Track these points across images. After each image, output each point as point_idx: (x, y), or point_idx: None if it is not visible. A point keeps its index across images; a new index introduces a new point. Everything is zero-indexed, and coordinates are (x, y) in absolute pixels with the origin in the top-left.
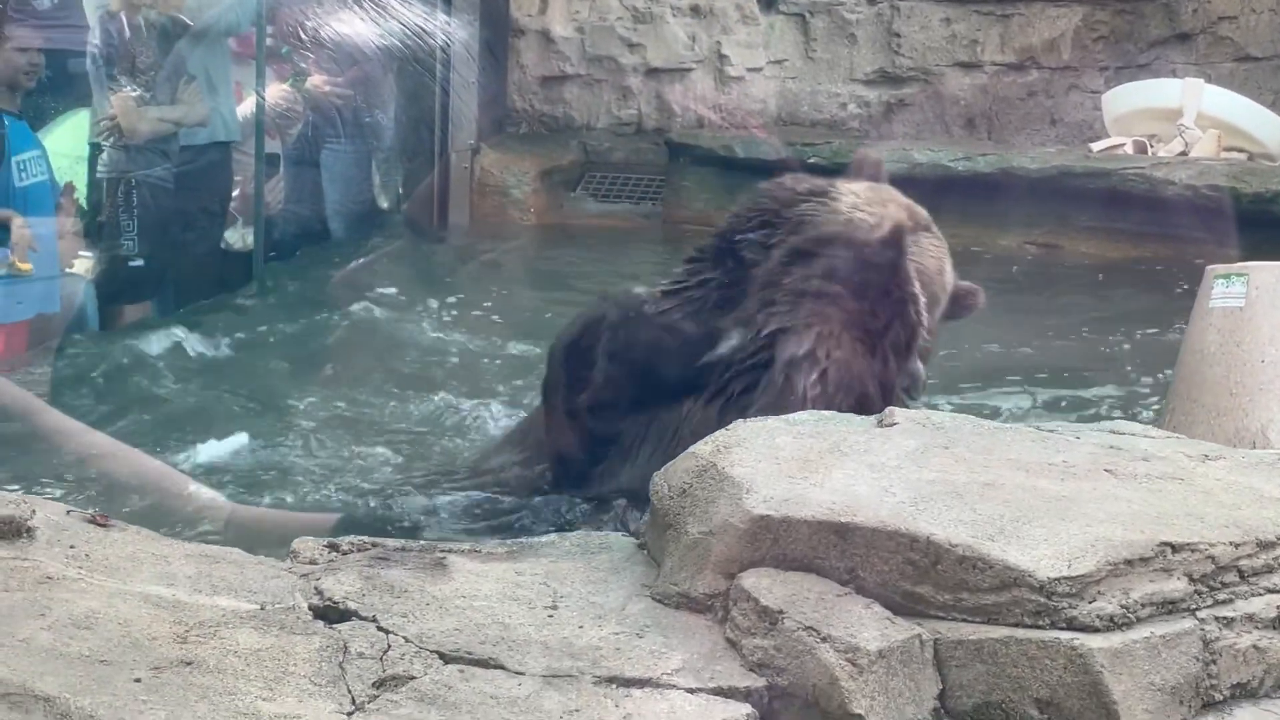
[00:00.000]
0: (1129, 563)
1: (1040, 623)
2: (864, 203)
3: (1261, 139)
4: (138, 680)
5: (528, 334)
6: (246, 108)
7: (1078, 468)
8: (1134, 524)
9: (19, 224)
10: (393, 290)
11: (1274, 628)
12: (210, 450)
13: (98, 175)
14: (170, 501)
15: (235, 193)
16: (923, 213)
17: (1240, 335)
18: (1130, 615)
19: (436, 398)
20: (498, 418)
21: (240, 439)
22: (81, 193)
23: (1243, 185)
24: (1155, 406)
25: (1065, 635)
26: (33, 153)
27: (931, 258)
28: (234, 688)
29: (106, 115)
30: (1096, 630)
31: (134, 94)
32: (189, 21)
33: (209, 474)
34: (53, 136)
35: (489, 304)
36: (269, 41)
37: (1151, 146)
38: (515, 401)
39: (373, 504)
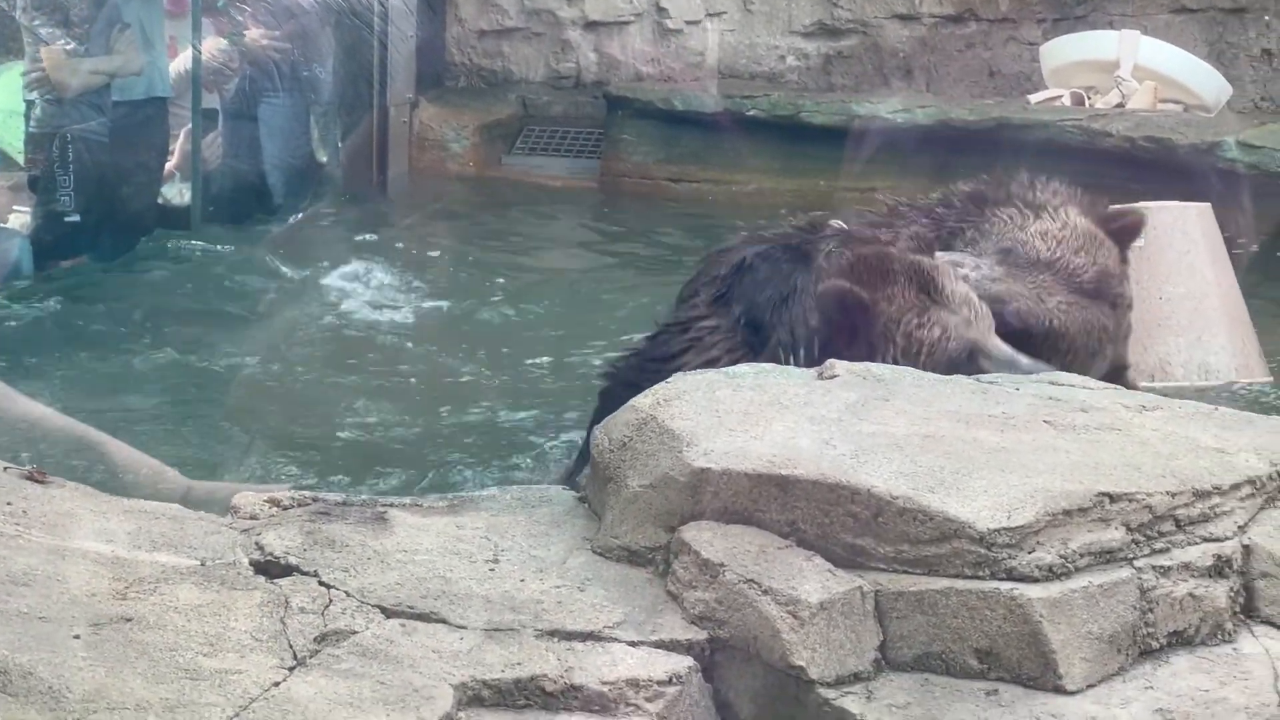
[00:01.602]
0: (1067, 513)
1: (980, 573)
2: (1068, 250)
3: (1197, 91)
4: (77, 637)
5: (451, 292)
6: (182, 63)
7: (1017, 419)
8: (1072, 475)
9: None
10: (325, 248)
11: (1210, 576)
12: None
13: (31, 130)
14: (128, 478)
15: (173, 148)
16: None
17: (1139, 273)
18: (1069, 565)
19: (369, 358)
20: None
21: None
22: (17, 147)
23: (1179, 137)
24: None
25: (1005, 585)
26: None
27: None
28: (175, 644)
29: (36, 68)
30: (1035, 580)
31: (66, 46)
32: None
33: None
34: None
35: (422, 260)
36: None
37: (1089, 98)
38: (434, 366)
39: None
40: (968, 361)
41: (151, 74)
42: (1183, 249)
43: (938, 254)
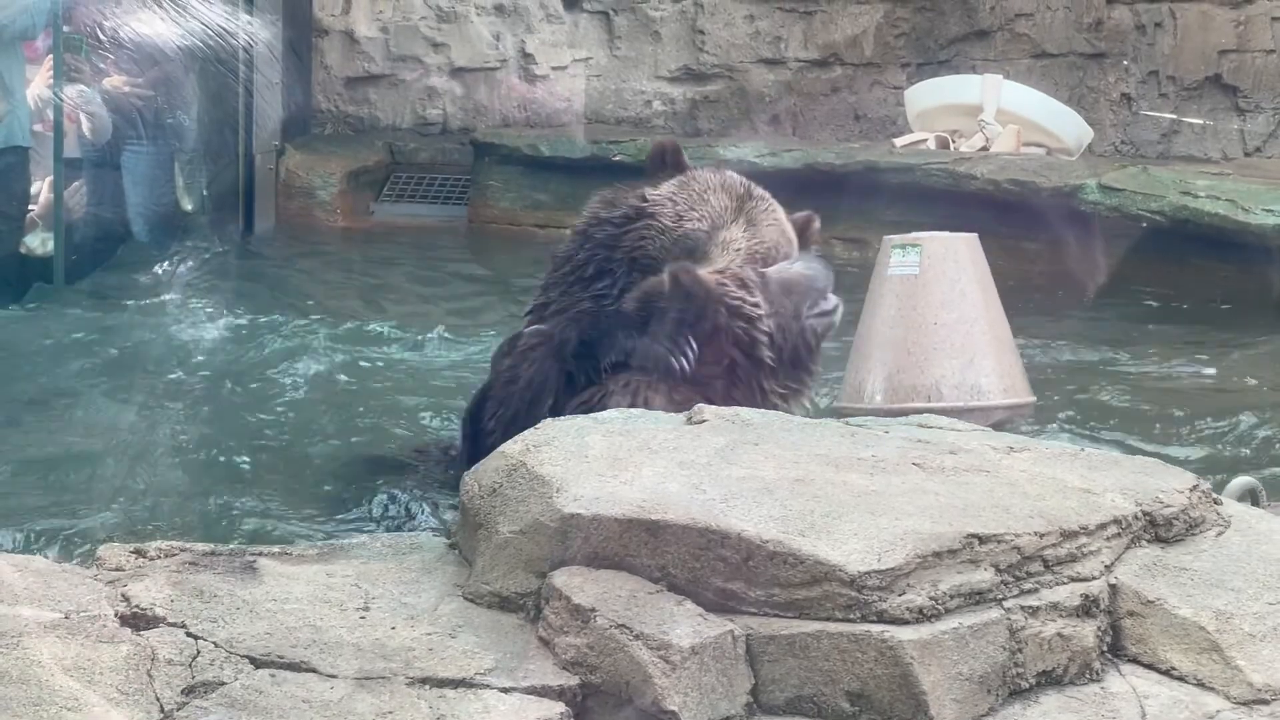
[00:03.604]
0: (937, 555)
1: (851, 616)
2: (685, 207)
3: (1059, 134)
4: None
5: (313, 343)
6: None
7: (886, 462)
8: (942, 517)
9: None
10: (189, 297)
11: (1078, 615)
12: None
13: None
14: None
15: (35, 197)
16: (740, 182)
17: (915, 300)
18: (939, 606)
19: (237, 407)
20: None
21: None
22: None
23: (1042, 180)
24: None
25: (875, 628)
26: None
27: (768, 225)
28: (39, 698)
29: None
30: (906, 622)
31: None
32: None
33: None
34: None
35: (283, 310)
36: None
37: (954, 142)
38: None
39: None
40: (783, 294)
41: (11, 123)
42: (954, 277)
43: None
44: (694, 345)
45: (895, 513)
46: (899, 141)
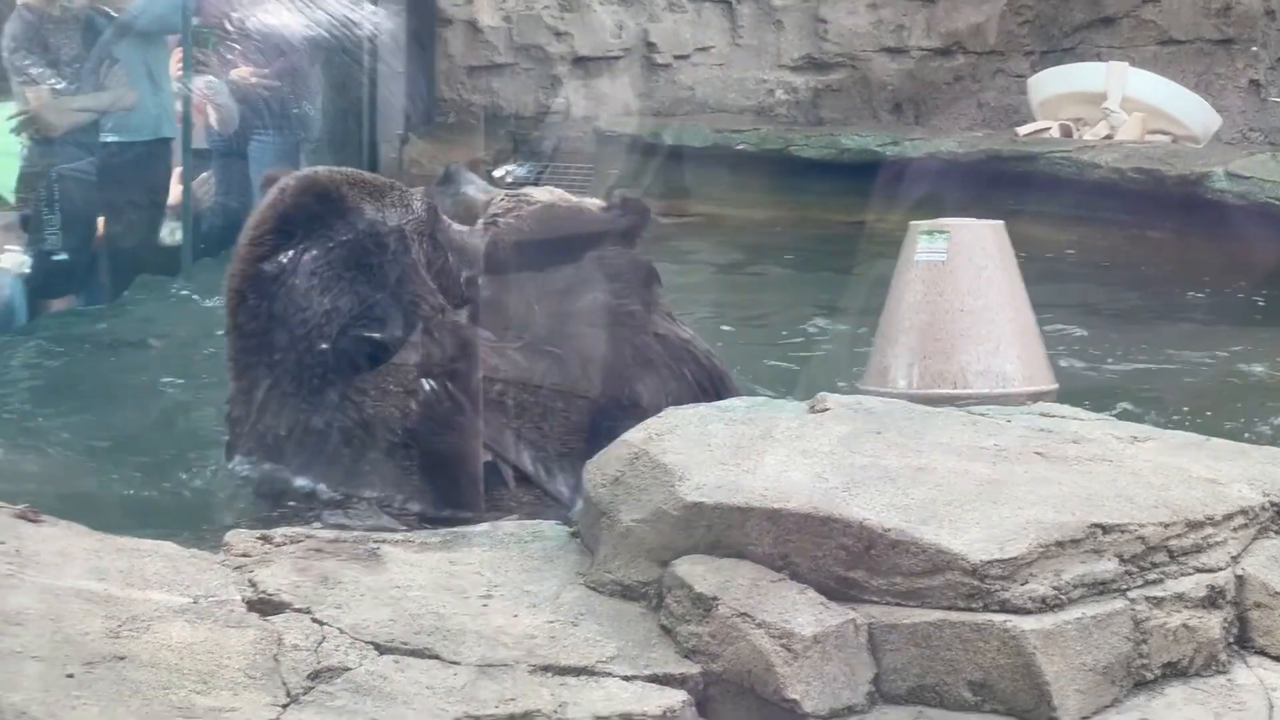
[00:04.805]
0: (1060, 545)
1: (973, 605)
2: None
3: (1185, 122)
4: (70, 676)
5: None
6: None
7: (1009, 451)
8: (1065, 506)
9: None
10: None
11: (1203, 607)
12: None
13: (22, 169)
14: None
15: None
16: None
17: (942, 286)
18: (1062, 596)
19: None
20: None
21: None
22: (10, 187)
23: (1168, 168)
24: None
25: (998, 618)
26: None
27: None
28: (168, 682)
29: (20, 110)
30: (1029, 612)
31: (52, 87)
32: (113, 13)
33: None
34: None
35: None
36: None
37: (1077, 130)
38: None
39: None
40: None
41: (159, 114)
42: (980, 264)
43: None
44: None
45: (1018, 502)
46: (1022, 130)
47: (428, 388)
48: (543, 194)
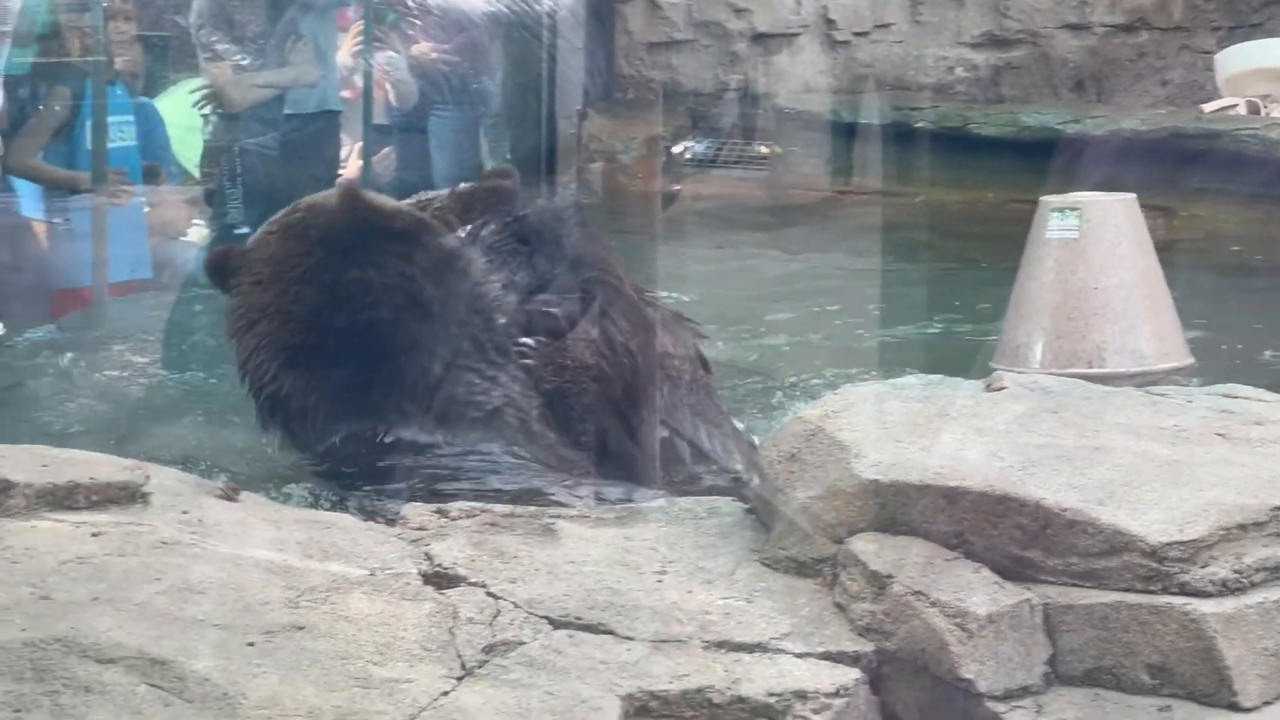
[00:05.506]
0: (1242, 527)
1: (1151, 587)
2: None
3: None
4: (251, 644)
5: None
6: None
7: (1189, 432)
8: (1247, 488)
9: None
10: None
11: None
12: None
13: (206, 144)
14: None
15: (344, 161)
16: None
17: (1075, 264)
18: (1243, 580)
19: None
20: None
21: None
22: (195, 162)
23: None
24: None
25: (1177, 600)
26: (122, 117)
27: None
28: (345, 652)
29: (204, 85)
30: (1209, 595)
31: (236, 62)
32: None
33: None
34: (165, 105)
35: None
36: None
37: (1265, 107)
38: None
39: None
40: None
41: (324, 88)
42: (1113, 241)
43: None
44: None
45: (1198, 483)
46: (1207, 107)
47: (605, 364)
48: None
